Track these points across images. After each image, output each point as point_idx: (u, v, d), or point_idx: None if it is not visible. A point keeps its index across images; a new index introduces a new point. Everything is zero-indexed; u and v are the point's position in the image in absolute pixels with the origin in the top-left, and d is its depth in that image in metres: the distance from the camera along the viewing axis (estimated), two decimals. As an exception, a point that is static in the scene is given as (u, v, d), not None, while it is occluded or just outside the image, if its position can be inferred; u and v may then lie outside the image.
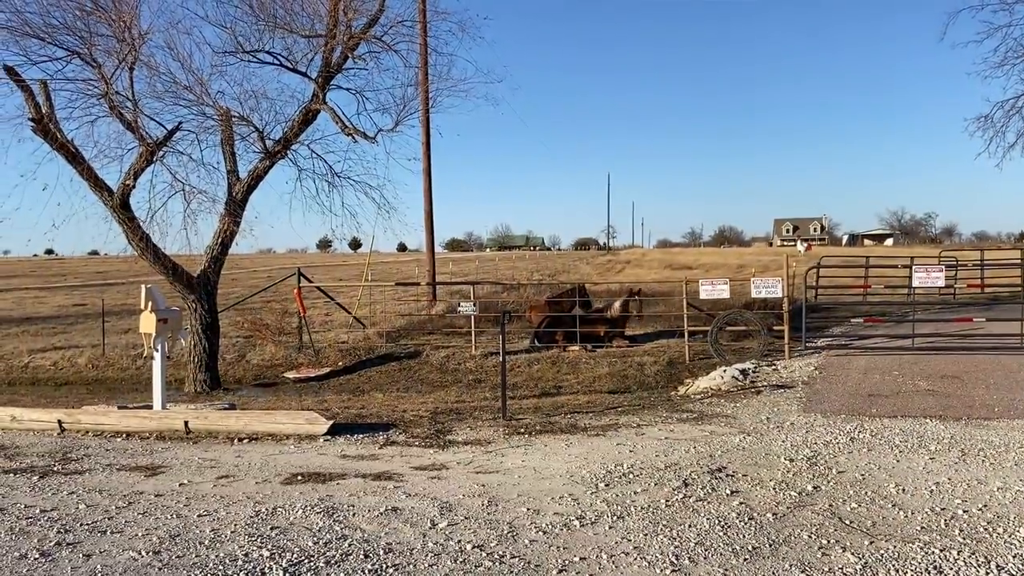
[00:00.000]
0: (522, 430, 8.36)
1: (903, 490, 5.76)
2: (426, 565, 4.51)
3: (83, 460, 7.34)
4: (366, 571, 4.43)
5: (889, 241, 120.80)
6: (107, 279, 44.53)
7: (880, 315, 17.37)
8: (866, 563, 4.39)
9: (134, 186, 12.25)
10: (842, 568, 4.33)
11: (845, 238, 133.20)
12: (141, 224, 12.40)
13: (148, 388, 10.78)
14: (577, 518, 5.27)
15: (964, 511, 5.26)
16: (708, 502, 5.57)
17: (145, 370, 13.98)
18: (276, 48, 12.80)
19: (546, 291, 20.53)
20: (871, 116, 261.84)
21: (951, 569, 4.29)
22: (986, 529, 4.90)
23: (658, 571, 4.36)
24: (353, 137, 13.05)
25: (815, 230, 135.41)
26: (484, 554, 4.65)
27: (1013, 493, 5.63)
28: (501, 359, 9.82)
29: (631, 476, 6.31)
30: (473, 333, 16.00)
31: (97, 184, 12.21)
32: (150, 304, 9.41)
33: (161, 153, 12.18)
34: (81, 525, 5.34)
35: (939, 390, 9.90)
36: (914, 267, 13.75)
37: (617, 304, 16.13)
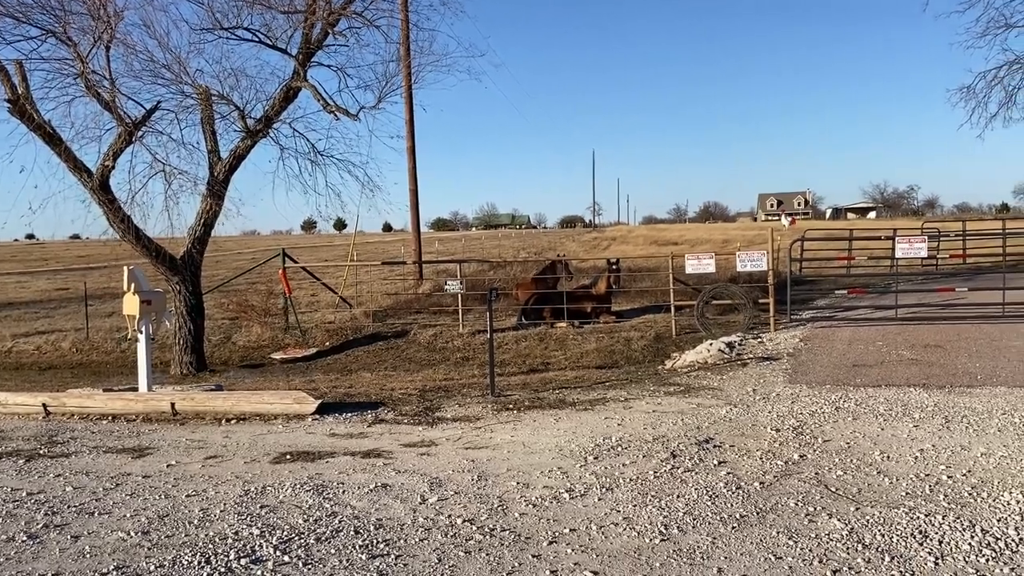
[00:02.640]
0: (511, 406, 8.38)
1: (888, 457, 5.83)
2: (417, 540, 4.52)
3: (69, 443, 7.30)
4: (357, 547, 4.43)
5: (872, 214, 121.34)
6: (89, 263, 44.11)
7: (864, 287, 17.50)
8: (852, 529, 4.44)
9: (113, 167, 12.09)
10: (828, 534, 4.37)
11: (829, 212, 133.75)
12: (122, 206, 12.25)
13: (133, 371, 10.72)
14: (566, 491, 5.30)
15: (948, 477, 5.32)
16: (696, 472, 5.61)
17: (130, 353, 13.90)
18: (255, 25, 12.64)
19: (532, 268, 20.54)
20: (854, 89, 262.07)
21: (936, 533, 4.34)
22: (970, 494, 4.97)
23: (647, 541, 4.39)
24: (335, 115, 12.93)
25: (799, 204, 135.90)
26: (475, 528, 4.67)
27: (996, 459, 5.70)
28: (489, 336, 9.81)
29: (619, 449, 6.34)
30: (460, 311, 15.99)
31: (76, 166, 12.04)
32: (133, 286, 9.32)
33: (140, 133, 12.01)
34: (68, 507, 5.31)
35: (922, 359, 9.99)
36: (897, 238, 13.82)
37: (603, 280, 16.16)
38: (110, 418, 8.48)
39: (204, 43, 12.50)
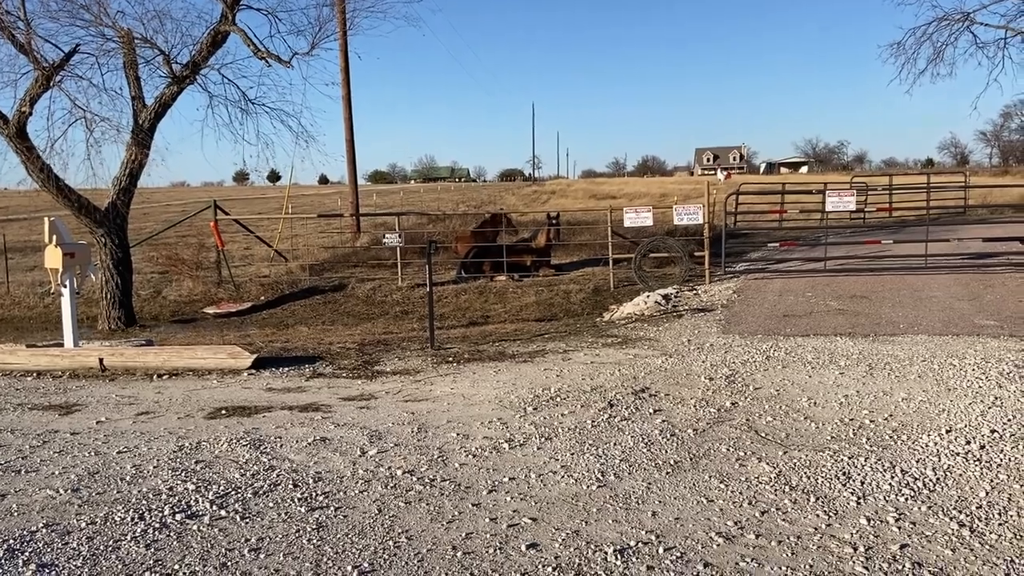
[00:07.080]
0: (450, 359, 8.39)
1: (815, 403, 6.04)
2: (357, 492, 4.52)
3: (-9, 401, 7.03)
4: (296, 500, 4.41)
5: (804, 169, 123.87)
6: (8, 215, 42.12)
7: (795, 239, 17.93)
8: (780, 472, 4.60)
9: (31, 113, 11.47)
10: (758, 477, 4.53)
11: (763, 166, 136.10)
12: (41, 154, 11.67)
13: (58, 326, 10.34)
14: (506, 441, 5.35)
15: (871, 421, 5.55)
16: (632, 421, 5.73)
17: (54, 308, 13.40)
18: (179, -36, 12.04)
19: (472, 222, 20.45)
20: (789, 44, 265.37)
21: (859, 474, 4.54)
22: (891, 437, 5.19)
23: (584, 488, 4.48)
24: (266, 61, 12.48)
25: (734, 159, 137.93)
26: (415, 479, 4.69)
27: (916, 403, 5.97)
28: (428, 290, 9.76)
29: (558, 399, 6.42)
30: (399, 265, 15.86)
31: (-11, 112, 11.41)
32: (55, 238, 8.93)
33: (58, 78, 11.40)
34: (-8, 467, 5.14)
35: (849, 309, 10.34)
36: (827, 192, 14.16)
37: (542, 234, 16.21)
38: (35, 375, 8.19)
39: (125, -18, 11.87)
